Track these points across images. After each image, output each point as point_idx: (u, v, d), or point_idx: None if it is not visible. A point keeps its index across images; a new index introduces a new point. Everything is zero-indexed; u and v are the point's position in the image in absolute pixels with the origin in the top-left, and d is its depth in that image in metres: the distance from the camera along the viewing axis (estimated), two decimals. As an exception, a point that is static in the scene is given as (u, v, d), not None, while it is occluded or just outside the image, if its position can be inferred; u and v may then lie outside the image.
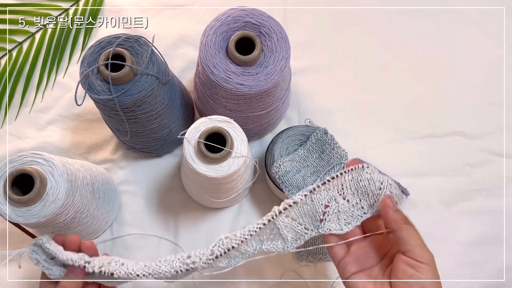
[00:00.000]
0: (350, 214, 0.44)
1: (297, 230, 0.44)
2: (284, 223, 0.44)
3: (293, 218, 0.44)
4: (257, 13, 0.53)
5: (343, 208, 0.44)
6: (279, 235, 0.44)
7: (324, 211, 0.43)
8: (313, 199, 0.43)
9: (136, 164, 0.66)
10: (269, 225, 0.44)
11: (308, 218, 0.44)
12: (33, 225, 0.49)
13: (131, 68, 0.48)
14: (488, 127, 0.69)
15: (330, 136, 0.59)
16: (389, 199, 0.43)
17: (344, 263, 0.43)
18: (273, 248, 0.44)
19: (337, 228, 0.43)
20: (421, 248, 0.40)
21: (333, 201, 0.43)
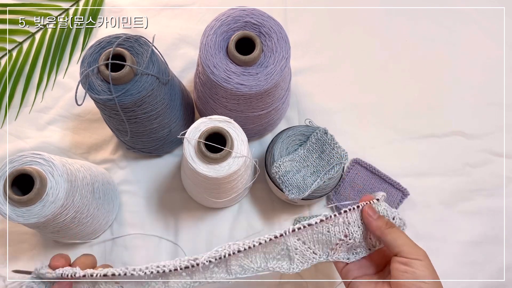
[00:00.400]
0: (362, 247, 0.45)
1: (306, 254, 0.44)
2: (295, 245, 0.44)
3: (304, 242, 0.44)
4: (257, 13, 0.53)
5: (358, 242, 0.44)
6: (287, 256, 0.44)
7: (337, 243, 0.44)
8: (329, 229, 0.43)
9: (136, 164, 0.66)
10: (279, 243, 0.43)
11: (320, 245, 0.44)
12: (33, 225, 0.49)
13: (131, 68, 0.48)
14: (488, 127, 0.69)
15: (330, 136, 0.59)
16: (369, 208, 0.43)
17: (347, 270, 0.44)
18: (278, 268, 0.44)
19: (344, 257, 0.44)
20: (410, 246, 0.41)
21: (350, 236, 0.43)
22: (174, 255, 0.61)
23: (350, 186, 0.65)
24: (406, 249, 0.40)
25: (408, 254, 0.40)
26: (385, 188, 0.64)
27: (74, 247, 0.61)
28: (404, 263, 0.40)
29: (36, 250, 0.61)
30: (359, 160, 0.65)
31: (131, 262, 0.60)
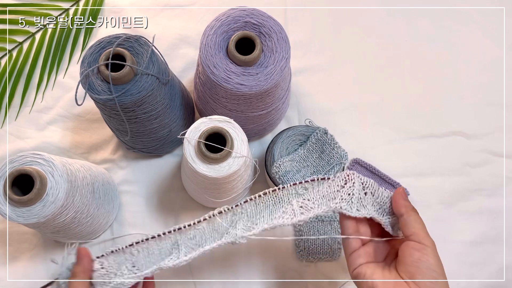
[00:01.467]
0: (364, 204, 0.45)
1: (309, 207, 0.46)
2: (299, 202, 0.45)
3: (309, 199, 0.46)
4: (257, 13, 0.53)
5: (357, 193, 0.45)
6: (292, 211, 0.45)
7: (339, 191, 0.45)
8: (330, 184, 0.45)
9: (136, 164, 0.66)
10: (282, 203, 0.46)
11: (324, 199, 0.46)
12: (33, 225, 0.49)
13: (131, 68, 0.48)
14: (488, 127, 0.69)
15: (330, 136, 0.59)
16: (402, 190, 0.45)
17: (356, 255, 0.45)
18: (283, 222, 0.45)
19: (347, 208, 0.45)
20: (425, 233, 0.42)
21: (350, 182, 0.45)
22: (174, 255, 0.61)
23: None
24: (422, 234, 0.42)
25: (422, 239, 0.41)
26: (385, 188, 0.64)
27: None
28: (417, 249, 0.41)
29: (36, 250, 0.61)
30: (359, 160, 0.65)
31: (131, 262, 0.60)
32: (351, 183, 0.45)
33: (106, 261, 0.46)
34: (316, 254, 0.60)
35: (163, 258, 0.46)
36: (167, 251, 0.46)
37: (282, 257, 0.61)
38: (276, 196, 0.46)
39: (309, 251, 0.60)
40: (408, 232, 0.42)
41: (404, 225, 0.43)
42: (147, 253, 0.46)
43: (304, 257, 0.60)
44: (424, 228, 0.43)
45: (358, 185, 0.45)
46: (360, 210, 0.45)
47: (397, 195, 0.45)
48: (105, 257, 0.46)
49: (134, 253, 0.46)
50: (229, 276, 0.60)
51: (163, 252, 0.46)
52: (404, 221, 0.43)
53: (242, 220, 0.46)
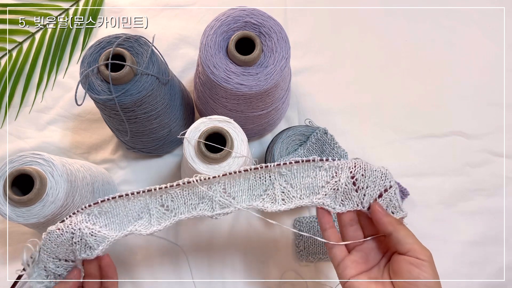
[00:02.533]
0: (349, 197, 0.44)
1: (291, 196, 0.45)
2: (282, 186, 0.44)
3: (292, 185, 0.45)
4: (257, 13, 0.53)
5: (343, 187, 0.44)
6: (273, 196, 0.45)
7: (324, 186, 0.44)
8: (317, 174, 0.44)
9: (136, 164, 0.66)
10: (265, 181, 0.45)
11: (307, 191, 0.45)
12: (33, 225, 0.49)
13: (131, 68, 0.48)
14: (488, 127, 0.69)
15: (330, 136, 0.59)
16: (377, 205, 0.43)
17: (344, 265, 0.43)
18: (261, 206, 0.45)
19: (330, 204, 0.44)
20: (420, 246, 0.41)
21: (337, 177, 0.44)
22: (174, 255, 0.61)
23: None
24: (417, 248, 0.40)
25: (419, 254, 0.40)
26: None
27: (74, 247, 0.61)
28: (415, 265, 0.39)
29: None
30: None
31: (131, 262, 0.60)
32: (337, 177, 0.44)
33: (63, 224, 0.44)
34: (316, 254, 0.60)
35: (130, 221, 0.45)
36: (135, 214, 0.45)
37: (282, 257, 0.61)
38: (257, 173, 0.45)
39: (309, 251, 0.60)
40: (403, 249, 0.41)
41: (397, 242, 0.41)
42: (111, 214, 0.45)
43: (304, 257, 0.60)
44: (417, 240, 0.41)
45: (346, 177, 0.44)
46: (345, 203, 0.44)
47: (376, 214, 0.43)
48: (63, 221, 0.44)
49: (95, 213, 0.45)
50: (228, 276, 0.60)
51: (130, 214, 0.45)
52: (395, 239, 0.41)
53: (219, 190, 0.45)
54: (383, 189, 0.44)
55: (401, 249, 0.41)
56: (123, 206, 0.45)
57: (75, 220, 0.44)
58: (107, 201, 0.44)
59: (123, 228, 0.45)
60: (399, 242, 0.41)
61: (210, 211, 0.45)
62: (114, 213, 0.45)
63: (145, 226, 0.45)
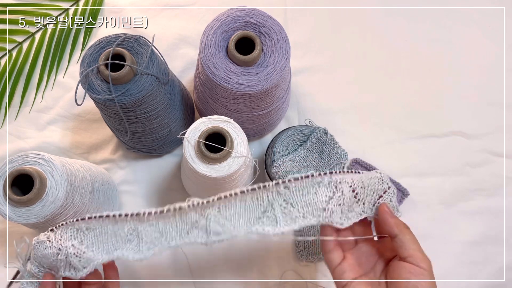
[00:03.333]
0: (351, 209, 0.43)
1: (293, 217, 0.41)
2: (282, 207, 0.42)
3: (292, 205, 0.42)
4: (257, 13, 0.53)
5: (347, 201, 0.42)
6: (274, 218, 0.41)
7: (328, 202, 0.42)
8: (317, 191, 0.42)
9: (136, 164, 0.66)
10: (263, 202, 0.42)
11: (309, 209, 0.42)
12: (33, 225, 0.49)
13: (131, 68, 0.48)
14: (488, 127, 0.69)
15: (330, 136, 0.59)
16: (386, 206, 0.43)
17: (341, 270, 0.43)
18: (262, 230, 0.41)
19: (338, 221, 0.42)
20: (422, 253, 0.40)
21: (339, 192, 0.42)
22: (173, 255, 0.61)
23: (350, 186, 0.64)
24: (419, 256, 0.39)
25: (419, 262, 0.39)
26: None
27: (74, 247, 0.61)
28: (414, 274, 0.39)
29: (36, 250, 0.61)
30: (359, 160, 0.65)
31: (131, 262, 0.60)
32: (339, 192, 0.42)
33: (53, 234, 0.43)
34: (316, 254, 0.60)
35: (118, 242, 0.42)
36: (123, 235, 0.42)
37: (282, 257, 0.61)
38: (254, 194, 0.42)
39: (309, 251, 0.60)
40: (405, 254, 0.40)
41: (400, 246, 0.40)
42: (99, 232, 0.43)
43: (304, 257, 0.60)
44: (420, 248, 0.40)
45: (347, 191, 0.42)
46: (350, 215, 0.42)
47: (384, 214, 0.42)
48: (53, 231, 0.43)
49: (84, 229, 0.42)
50: (228, 276, 0.60)
51: (118, 234, 0.42)
52: (400, 242, 0.40)
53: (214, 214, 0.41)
54: (382, 192, 0.44)
55: (403, 253, 0.40)
56: (111, 225, 0.43)
57: (64, 236, 0.42)
58: (94, 219, 0.42)
59: (110, 250, 0.42)
60: (402, 245, 0.40)
61: (204, 238, 0.41)
62: (102, 231, 0.43)
63: (133, 251, 0.42)
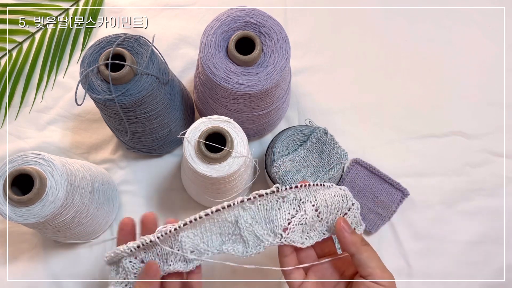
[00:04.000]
0: (313, 228, 0.42)
1: (258, 235, 0.41)
2: (247, 224, 0.41)
3: (257, 221, 0.41)
4: (257, 13, 0.53)
5: (309, 221, 0.41)
6: (241, 237, 0.41)
7: (290, 221, 0.41)
8: (280, 206, 0.41)
9: (136, 164, 0.66)
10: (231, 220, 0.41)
11: (272, 226, 0.41)
12: (33, 225, 0.49)
13: (131, 68, 0.48)
14: (488, 127, 0.69)
15: (330, 136, 0.59)
16: (343, 221, 0.41)
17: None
18: (233, 251, 0.41)
19: (299, 241, 0.41)
20: (382, 270, 0.39)
21: (302, 210, 0.41)
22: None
23: (350, 186, 0.65)
24: (378, 273, 0.39)
25: (380, 278, 0.38)
26: (385, 188, 0.64)
27: (74, 247, 0.61)
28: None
29: (36, 250, 0.61)
30: (359, 160, 0.65)
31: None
32: (302, 211, 0.41)
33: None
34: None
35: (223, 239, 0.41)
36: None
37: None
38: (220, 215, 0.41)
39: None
40: (365, 272, 0.39)
41: (359, 265, 0.39)
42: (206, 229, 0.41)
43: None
44: (380, 264, 0.39)
45: (310, 210, 0.41)
46: (311, 235, 0.41)
47: (340, 231, 0.40)
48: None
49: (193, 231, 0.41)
50: (228, 276, 0.60)
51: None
52: (358, 261, 0.39)
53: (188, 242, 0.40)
54: (347, 210, 0.43)
55: (362, 272, 0.39)
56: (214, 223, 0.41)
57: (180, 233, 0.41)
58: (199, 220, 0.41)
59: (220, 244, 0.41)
60: (360, 264, 0.39)
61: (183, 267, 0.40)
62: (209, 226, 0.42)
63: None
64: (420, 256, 0.62)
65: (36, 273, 0.60)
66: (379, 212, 0.63)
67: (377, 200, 0.64)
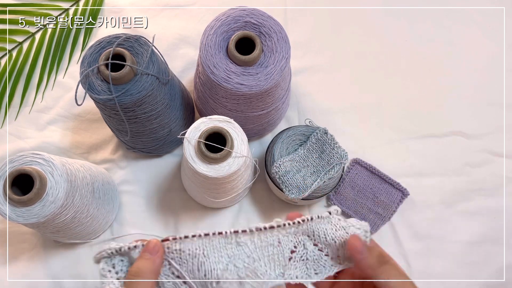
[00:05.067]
0: (321, 263, 0.38)
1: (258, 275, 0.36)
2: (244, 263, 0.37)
3: (255, 260, 0.37)
4: (257, 13, 0.53)
5: (313, 257, 0.38)
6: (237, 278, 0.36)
7: (290, 257, 0.38)
8: (280, 240, 0.37)
9: (136, 164, 0.66)
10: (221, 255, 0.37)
11: (273, 264, 0.37)
12: (33, 225, 0.49)
13: (131, 68, 0.48)
14: (488, 127, 0.69)
15: (330, 136, 0.59)
16: (355, 240, 0.37)
17: None
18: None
19: (304, 276, 0.37)
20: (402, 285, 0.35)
21: (300, 246, 0.38)
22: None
23: (350, 186, 0.65)
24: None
25: None
26: (385, 188, 0.64)
27: (74, 247, 0.61)
28: None
29: (36, 250, 0.61)
30: (359, 160, 0.65)
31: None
32: (301, 246, 0.37)
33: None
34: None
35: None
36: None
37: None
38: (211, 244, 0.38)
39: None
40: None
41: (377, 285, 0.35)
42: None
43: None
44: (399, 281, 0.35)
45: (310, 245, 0.37)
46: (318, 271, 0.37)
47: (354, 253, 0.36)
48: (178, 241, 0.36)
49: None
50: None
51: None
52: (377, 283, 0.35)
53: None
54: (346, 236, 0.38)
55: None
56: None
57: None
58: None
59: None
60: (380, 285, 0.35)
61: None
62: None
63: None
64: (420, 256, 0.62)
65: (36, 273, 0.60)
66: (379, 212, 0.63)
67: (377, 200, 0.64)
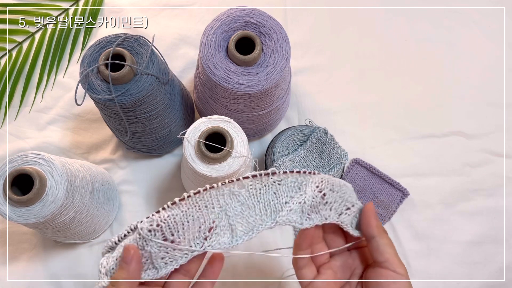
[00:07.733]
0: (316, 210, 0.38)
1: (250, 221, 0.37)
2: (236, 210, 0.36)
3: (249, 206, 0.37)
4: (257, 13, 0.53)
5: (309, 200, 0.38)
6: (228, 227, 0.36)
7: (287, 201, 0.37)
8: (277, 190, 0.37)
9: (136, 164, 0.66)
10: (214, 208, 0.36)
11: (268, 211, 0.37)
12: (33, 225, 0.49)
13: (131, 68, 0.48)
14: (488, 127, 0.69)
15: (330, 136, 0.59)
16: (373, 207, 0.40)
17: (315, 286, 0.40)
18: (218, 245, 0.36)
19: (296, 221, 0.37)
20: (398, 259, 0.38)
21: (302, 191, 0.38)
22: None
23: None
24: (396, 261, 0.38)
25: (396, 267, 0.38)
26: (385, 188, 0.64)
27: (74, 247, 0.61)
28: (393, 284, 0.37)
29: (36, 250, 0.61)
30: (359, 160, 0.65)
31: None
32: (302, 191, 0.38)
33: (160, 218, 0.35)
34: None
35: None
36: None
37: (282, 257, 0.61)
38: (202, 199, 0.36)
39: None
40: (381, 258, 0.38)
41: (376, 249, 0.38)
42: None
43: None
44: (396, 253, 0.38)
45: (311, 190, 0.38)
46: (312, 216, 0.38)
47: (368, 212, 0.39)
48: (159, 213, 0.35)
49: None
50: (228, 276, 0.60)
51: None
52: (376, 244, 0.38)
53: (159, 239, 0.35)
54: (350, 205, 0.40)
55: (379, 257, 0.38)
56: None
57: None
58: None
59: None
60: (378, 249, 0.38)
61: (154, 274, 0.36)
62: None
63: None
64: (420, 256, 0.62)
65: (36, 273, 0.60)
66: (379, 212, 0.63)
67: (377, 200, 0.64)
